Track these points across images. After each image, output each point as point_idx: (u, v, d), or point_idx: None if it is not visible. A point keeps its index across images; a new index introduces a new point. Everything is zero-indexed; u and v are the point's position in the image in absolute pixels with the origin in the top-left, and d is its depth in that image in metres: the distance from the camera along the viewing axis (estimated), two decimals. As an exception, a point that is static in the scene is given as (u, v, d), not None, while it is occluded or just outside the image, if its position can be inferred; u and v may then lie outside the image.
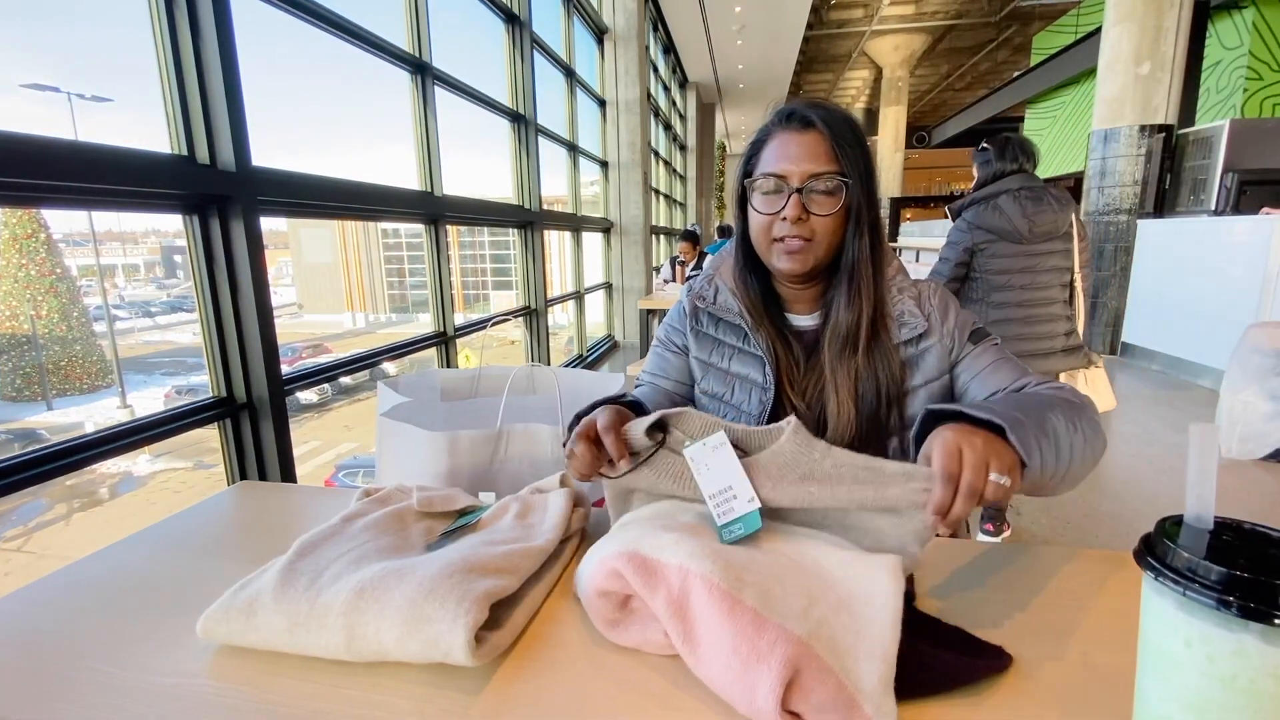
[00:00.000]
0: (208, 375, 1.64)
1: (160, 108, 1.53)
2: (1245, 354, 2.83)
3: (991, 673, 0.48)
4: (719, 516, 0.60)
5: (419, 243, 2.95)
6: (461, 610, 0.48)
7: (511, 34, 3.96)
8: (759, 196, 0.81)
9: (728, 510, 0.60)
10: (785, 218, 0.78)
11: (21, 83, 3.87)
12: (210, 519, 0.80)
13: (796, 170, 0.78)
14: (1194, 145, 4.66)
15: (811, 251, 0.79)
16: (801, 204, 0.77)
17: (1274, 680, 0.31)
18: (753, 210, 0.82)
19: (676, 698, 0.47)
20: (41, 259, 7.38)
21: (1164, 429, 3.33)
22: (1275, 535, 0.36)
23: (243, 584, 0.55)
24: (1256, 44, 6.17)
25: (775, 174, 0.79)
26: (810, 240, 0.79)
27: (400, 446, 0.89)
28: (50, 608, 0.60)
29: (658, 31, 8.76)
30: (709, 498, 0.61)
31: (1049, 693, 0.47)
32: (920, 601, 0.60)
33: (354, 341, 18.32)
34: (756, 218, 0.81)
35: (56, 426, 7.34)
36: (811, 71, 15.36)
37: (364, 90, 13.95)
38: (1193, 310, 4.28)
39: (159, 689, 0.48)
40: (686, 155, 12.59)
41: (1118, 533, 2.24)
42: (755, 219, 0.82)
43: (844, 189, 0.78)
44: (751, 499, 0.60)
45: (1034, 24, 11.44)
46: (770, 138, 0.82)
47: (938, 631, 0.54)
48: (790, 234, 0.78)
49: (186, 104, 1.53)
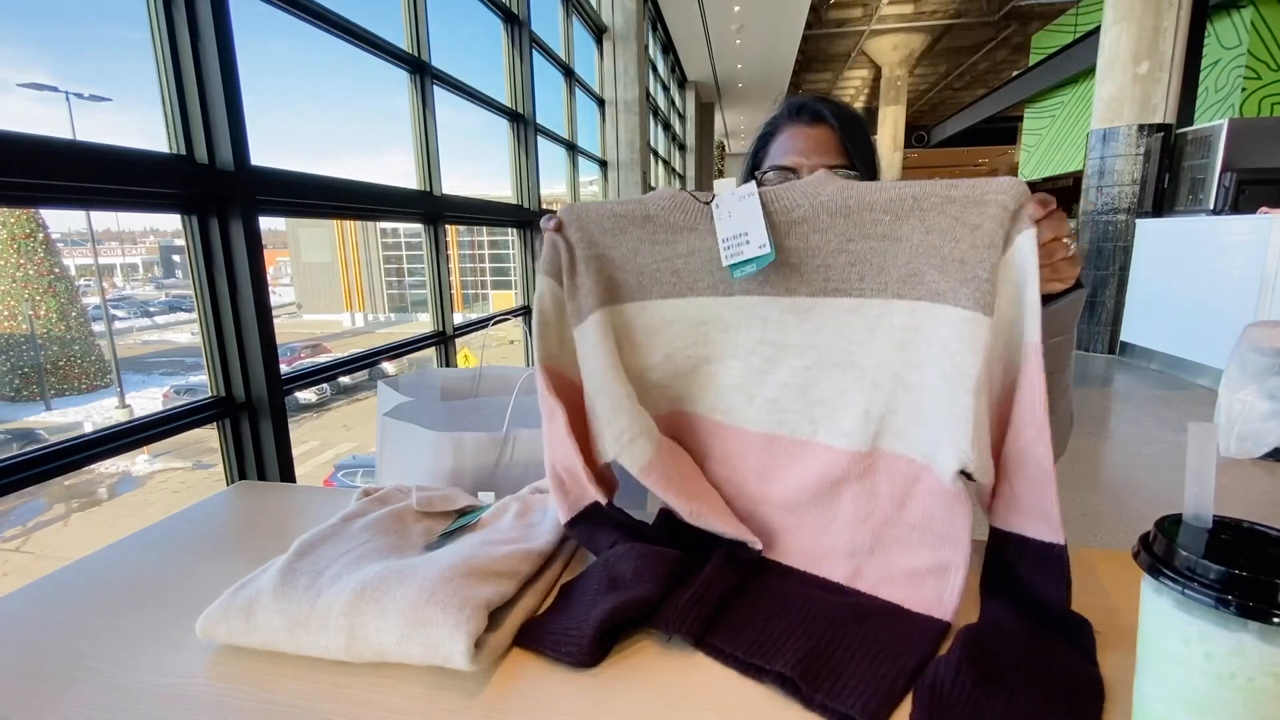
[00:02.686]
0: (206, 375, 1.64)
1: (158, 107, 1.53)
2: (1243, 353, 2.84)
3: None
4: (728, 258, 0.59)
5: (418, 242, 2.95)
6: (463, 618, 0.48)
7: (510, 33, 3.96)
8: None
9: (737, 254, 0.59)
10: None
11: (19, 82, 3.87)
12: (209, 519, 0.80)
13: (806, 163, 0.78)
14: (1192, 145, 4.66)
15: None
16: None
17: (1273, 678, 0.32)
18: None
19: (678, 697, 0.47)
20: (40, 259, 7.37)
21: (1162, 428, 3.33)
22: (1274, 534, 0.36)
23: (242, 584, 0.55)
24: (1255, 43, 6.18)
25: (785, 166, 0.79)
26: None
27: (402, 446, 0.89)
28: (48, 608, 0.60)
29: (656, 31, 8.76)
30: (722, 241, 0.60)
31: (1048, 691, 0.47)
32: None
33: (353, 341, 18.32)
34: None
35: (55, 426, 7.34)
36: (810, 71, 15.36)
37: (362, 89, 13.97)
38: (1191, 309, 4.28)
39: (157, 689, 0.48)
40: (685, 155, 12.58)
41: (1116, 531, 2.24)
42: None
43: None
44: (764, 245, 0.57)
45: (1033, 23, 11.44)
46: (779, 131, 0.82)
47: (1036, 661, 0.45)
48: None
49: (185, 103, 1.53)
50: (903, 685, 0.44)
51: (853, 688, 0.43)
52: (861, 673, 0.45)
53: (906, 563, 0.54)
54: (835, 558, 0.58)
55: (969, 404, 0.49)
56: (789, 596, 0.54)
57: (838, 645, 0.48)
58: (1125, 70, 4.70)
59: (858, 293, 0.56)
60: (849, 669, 0.45)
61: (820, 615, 0.51)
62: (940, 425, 0.51)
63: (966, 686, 0.42)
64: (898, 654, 0.47)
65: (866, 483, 0.57)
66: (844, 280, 0.57)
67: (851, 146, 0.78)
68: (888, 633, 0.49)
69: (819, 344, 0.58)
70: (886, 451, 0.56)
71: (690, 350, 0.64)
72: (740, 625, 0.51)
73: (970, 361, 0.49)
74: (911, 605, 0.52)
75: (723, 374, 0.64)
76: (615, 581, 0.54)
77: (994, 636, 0.47)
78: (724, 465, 0.65)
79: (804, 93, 0.84)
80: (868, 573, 0.56)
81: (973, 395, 0.49)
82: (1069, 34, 9.68)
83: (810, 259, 0.58)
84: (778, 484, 0.61)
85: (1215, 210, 4.37)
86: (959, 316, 0.51)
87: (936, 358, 0.52)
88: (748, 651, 0.48)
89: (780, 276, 0.59)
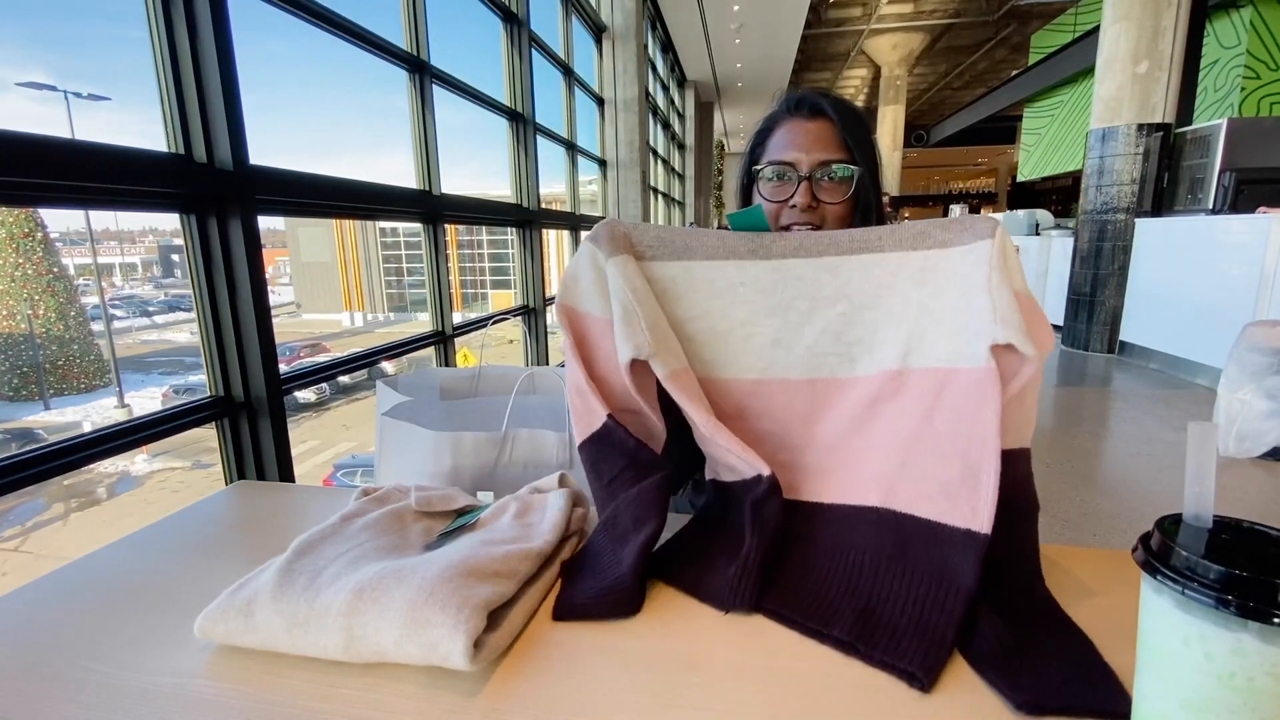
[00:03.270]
0: (205, 374, 1.64)
1: (157, 106, 1.52)
2: (1242, 352, 2.84)
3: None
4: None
5: (417, 242, 2.94)
6: (462, 618, 0.48)
7: (510, 32, 3.96)
8: (767, 185, 0.80)
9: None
10: (795, 205, 0.78)
11: (18, 81, 3.87)
12: (208, 518, 0.80)
13: (806, 158, 0.77)
14: (1192, 144, 4.67)
15: None
16: (811, 191, 0.77)
17: (1272, 678, 0.32)
18: (761, 199, 0.81)
19: (678, 697, 0.47)
20: (38, 258, 7.36)
21: (1161, 427, 3.34)
22: (1274, 534, 0.36)
23: (241, 584, 0.55)
24: (1254, 43, 6.18)
25: (784, 161, 0.78)
26: (819, 227, 0.78)
27: (402, 446, 0.89)
28: (47, 608, 0.60)
29: (656, 30, 8.75)
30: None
31: (1048, 691, 0.47)
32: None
33: (352, 341, 18.30)
34: (764, 205, 0.80)
35: (54, 426, 7.33)
36: (810, 70, 15.36)
37: (361, 88, 13.96)
38: (1190, 309, 4.28)
39: (156, 689, 0.48)
40: (685, 154, 12.58)
41: (1115, 531, 2.24)
42: (763, 207, 0.80)
43: (853, 177, 0.78)
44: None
45: (1032, 23, 11.45)
46: (778, 125, 0.81)
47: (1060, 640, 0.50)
48: (798, 221, 0.78)
49: (184, 103, 1.53)
50: (953, 634, 0.48)
51: (908, 644, 0.48)
52: (914, 627, 0.49)
53: (939, 473, 0.57)
54: (870, 483, 0.62)
55: (984, 303, 0.58)
56: (834, 550, 0.59)
57: (887, 599, 0.52)
58: (1124, 70, 4.70)
59: (878, 249, 0.66)
60: (901, 625, 0.50)
61: (866, 567, 0.56)
62: (962, 331, 0.60)
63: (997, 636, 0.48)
64: (942, 599, 0.51)
65: (898, 401, 0.63)
66: (866, 241, 0.66)
67: (852, 141, 0.77)
68: (930, 568, 0.53)
69: (850, 293, 0.66)
70: (916, 368, 0.62)
71: (729, 310, 0.70)
72: (792, 587, 0.55)
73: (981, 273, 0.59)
74: (948, 520, 0.55)
75: (760, 333, 0.69)
76: (623, 535, 0.60)
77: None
78: (765, 419, 0.69)
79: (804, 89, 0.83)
80: (901, 490, 0.59)
81: (987, 294, 0.58)
82: (1068, 33, 9.69)
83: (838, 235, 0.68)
84: (821, 424, 0.67)
85: (1214, 210, 4.37)
86: (963, 249, 0.62)
87: (950, 281, 0.62)
88: (806, 616, 0.52)
89: (813, 242, 0.68)
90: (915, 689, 0.45)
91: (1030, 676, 0.45)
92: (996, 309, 0.57)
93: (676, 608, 0.58)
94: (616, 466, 0.66)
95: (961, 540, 0.53)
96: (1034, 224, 7.04)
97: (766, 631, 0.54)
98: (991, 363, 0.56)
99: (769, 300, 0.68)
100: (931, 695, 0.46)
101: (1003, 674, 0.46)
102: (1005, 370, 0.57)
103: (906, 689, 0.47)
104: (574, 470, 0.87)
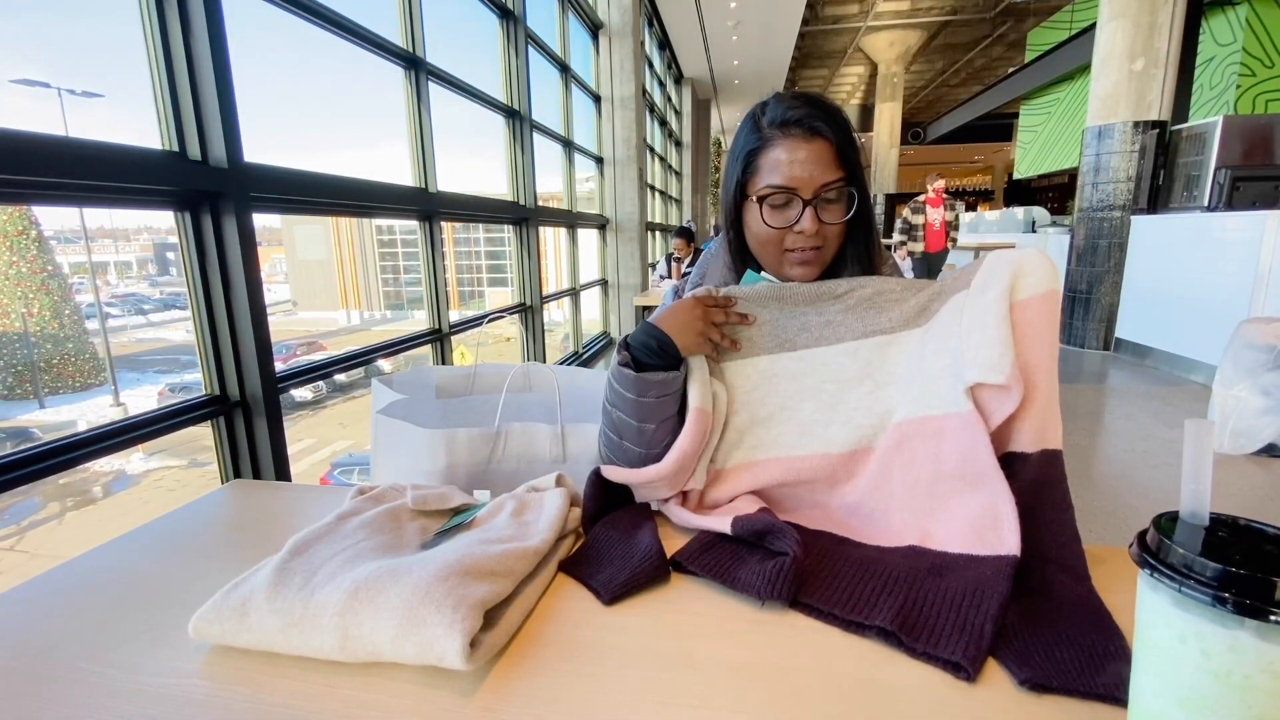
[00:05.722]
0: (201, 373, 1.63)
1: (151, 103, 1.51)
2: (1237, 349, 2.85)
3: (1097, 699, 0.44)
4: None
5: (414, 239, 2.94)
6: (458, 617, 0.47)
7: (506, 29, 3.94)
8: (769, 210, 0.78)
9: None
10: (800, 230, 0.77)
11: (11, 78, 3.84)
12: (204, 517, 0.80)
13: (808, 182, 0.76)
14: (1187, 141, 4.67)
15: (821, 258, 0.80)
16: (816, 215, 0.76)
17: (1269, 676, 0.32)
18: (760, 223, 0.79)
19: (675, 696, 0.46)
20: (32, 256, 7.33)
21: (1157, 425, 3.35)
22: (1270, 531, 0.36)
23: (235, 583, 0.54)
24: (1249, 40, 6.19)
25: (786, 187, 0.76)
26: (821, 248, 0.78)
27: (397, 444, 0.89)
28: (42, 607, 0.60)
29: (653, 27, 8.73)
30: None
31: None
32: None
33: (348, 339, 18.25)
34: (765, 230, 0.79)
35: (49, 425, 7.30)
36: (807, 67, 15.35)
37: (357, 87, 13.88)
38: (1186, 306, 4.30)
39: (150, 689, 0.48)
40: (682, 151, 12.56)
41: (1112, 528, 2.25)
42: (764, 231, 0.79)
43: (853, 194, 0.78)
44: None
45: (1028, 20, 11.45)
46: (770, 145, 0.77)
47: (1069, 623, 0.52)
48: (804, 245, 0.78)
49: (177, 100, 1.52)
50: (991, 630, 0.50)
51: (949, 636, 0.50)
52: (953, 621, 0.51)
53: (963, 512, 0.62)
54: (903, 530, 0.66)
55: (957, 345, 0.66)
56: (869, 563, 0.62)
57: (925, 599, 0.55)
58: (1120, 67, 4.70)
59: (888, 330, 0.74)
60: (941, 620, 0.52)
61: (902, 576, 0.59)
62: (943, 376, 0.66)
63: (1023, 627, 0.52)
64: (979, 600, 0.53)
65: (904, 451, 0.68)
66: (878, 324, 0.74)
67: (845, 157, 0.76)
68: (965, 580, 0.56)
69: (871, 372, 0.73)
70: (914, 418, 0.68)
71: (766, 400, 0.77)
72: (828, 587, 0.58)
73: (956, 321, 0.67)
74: (979, 551, 0.59)
75: (799, 414, 0.76)
76: (631, 526, 0.70)
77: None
78: (801, 486, 0.75)
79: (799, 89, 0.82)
80: (935, 532, 0.64)
81: (958, 338, 0.66)
82: (1064, 31, 9.70)
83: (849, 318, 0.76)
84: (851, 485, 0.73)
85: (1210, 207, 4.38)
86: (956, 299, 0.70)
87: (939, 332, 0.69)
88: (845, 609, 0.54)
89: (830, 331, 0.76)
90: (961, 679, 0.47)
91: (1042, 658, 0.47)
92: (964, 351, 0.64)
93: (674, 607, 0.58)
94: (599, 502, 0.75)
95: (992, 562, 0.57)
96: (1030, 221, 7.06)
97: (763, 631, 0.54)
98: (970, 405, 0.62)
99: (799, 386, 0.76)
100: (931, 693, 0.46)
101: (1015, 654, 0.48)
102: (990, 401, 0.63)
103: (900, 685, 0.47)
104: (567, 465, 0.87)
